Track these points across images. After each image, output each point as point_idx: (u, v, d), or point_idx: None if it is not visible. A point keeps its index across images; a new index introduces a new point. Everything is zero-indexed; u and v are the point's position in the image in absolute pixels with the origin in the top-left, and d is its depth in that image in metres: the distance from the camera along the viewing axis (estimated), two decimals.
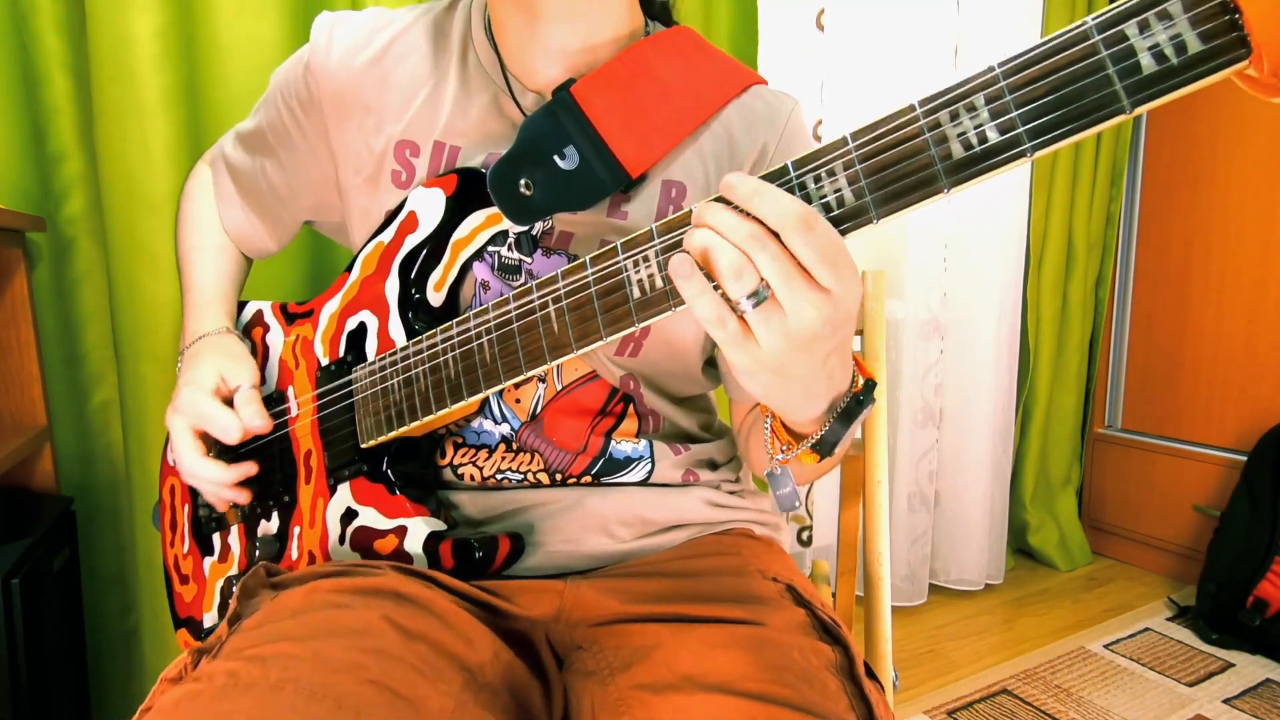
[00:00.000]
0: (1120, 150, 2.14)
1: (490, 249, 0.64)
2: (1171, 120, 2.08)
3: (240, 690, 0.43)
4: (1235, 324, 1.96)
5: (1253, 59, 0.33)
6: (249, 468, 0.68)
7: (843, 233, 0.41)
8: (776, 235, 0.40)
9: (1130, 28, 0.35)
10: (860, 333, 0.86)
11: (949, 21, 1.79)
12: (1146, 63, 0.35)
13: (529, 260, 0.63)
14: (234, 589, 0.66)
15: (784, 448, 0.52)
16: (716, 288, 0.42)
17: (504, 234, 0.63)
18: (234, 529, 0.72)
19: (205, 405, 0.66)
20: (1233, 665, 1.64)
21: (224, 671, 0.45)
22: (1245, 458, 1.84)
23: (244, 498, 0.68)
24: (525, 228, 0.63)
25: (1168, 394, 2.12)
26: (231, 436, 0.65)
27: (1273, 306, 1.89)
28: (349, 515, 0.64)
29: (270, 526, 0.69)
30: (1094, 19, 0.35)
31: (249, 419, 0.66)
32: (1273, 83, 0.33)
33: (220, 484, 0.66)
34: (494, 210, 0.62)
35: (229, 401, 0.67)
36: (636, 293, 0.47)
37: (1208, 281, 2.02)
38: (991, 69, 0.37)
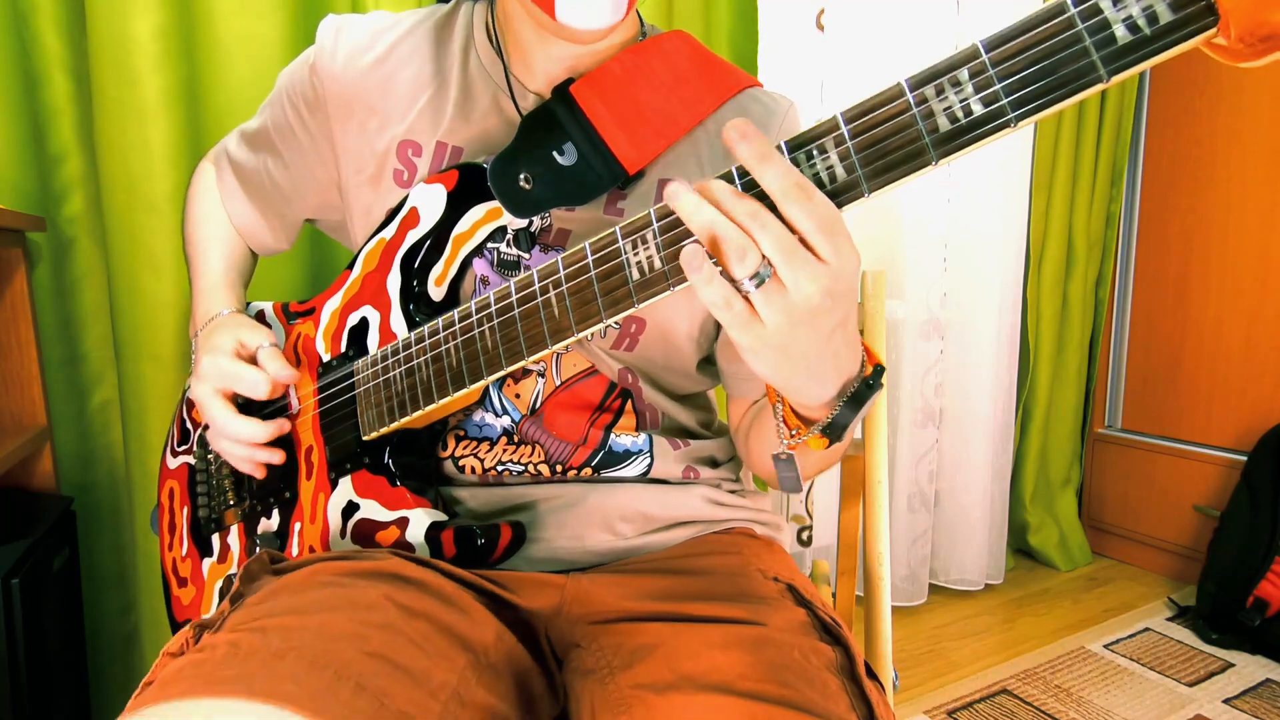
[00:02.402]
0: (1120, 150, 2.14)
1: (490, 245, 0.64)
2: (1171, 120, 2.08)
3: (241, 659, 0.43)
4: (1235, 324, 1.96)
5: (1220, 26, 0.35)
6: (283, 423, 0.67)
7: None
8: (773, 210, 0.41)
9: (1105, 1, 0.36)
10: (861, 332, 0.86)
11: (949, 22, 1.79)
12: (1121, 33, 0.36)
13: (527, 256, 0.64)
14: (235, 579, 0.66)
15: (793, 432, 0.52)
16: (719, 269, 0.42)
17: (503, 230, 0.64)
18: (233, 529, 0.73)
19: (229, 365, 0.65)
20: (1233, 665, 1.64)
21: (226, 642, 0.45)
22: (1245, 458, 1.84)
23: (278, 457, 0.68)
24: (524, 223, 0.64)
25: (1168, 394, 2.12)
26: (260, 390, 0.65)
27: (1273, 306, 1.89)
28: (350, 509, 0.64)
29: (271, 523, 0.69)
30: None
31: (275, 371, 0.65)
32: (1239, 48, 0.35)
33: (256, 440, 0.65)
34: (494, 205, 0.62)
35: (252, 362, 0.67)
36: (636, 274, 0.47)
37: (1208, 281, 2.02)
38: (975, 46, 0.39)
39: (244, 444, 0.66)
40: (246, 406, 0.70)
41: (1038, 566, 2.19)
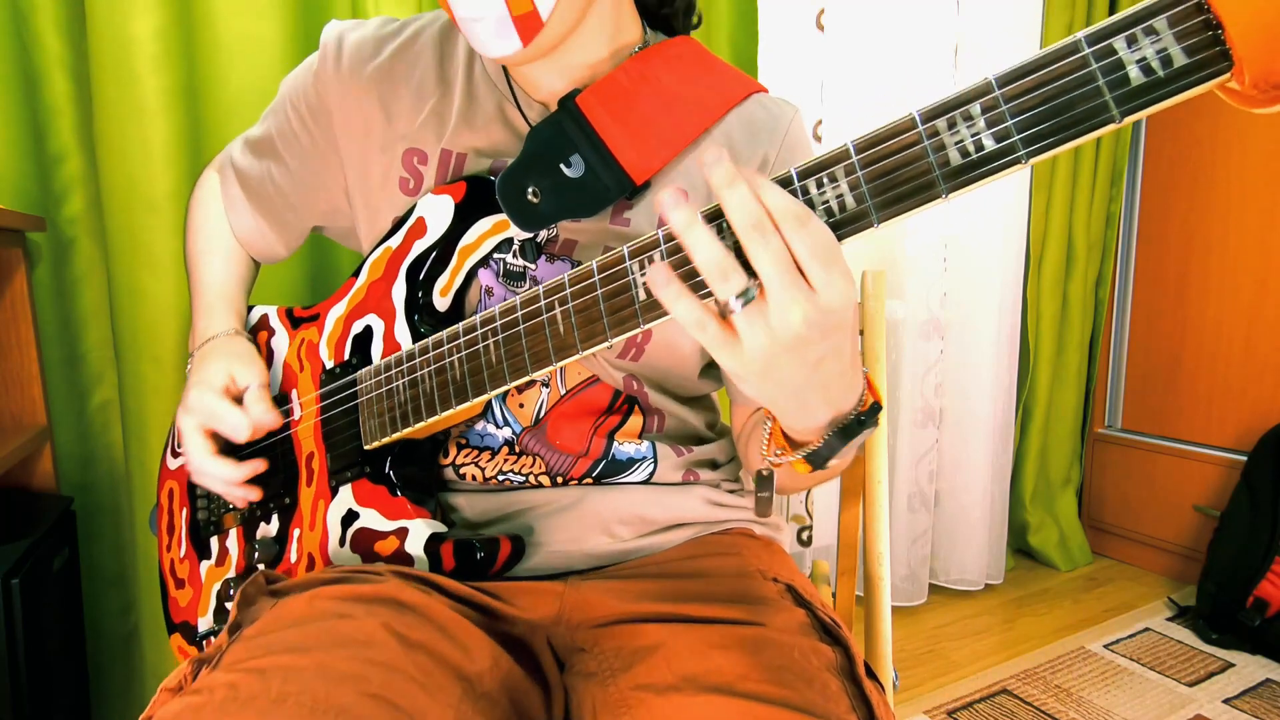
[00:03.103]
0: (1120, 150, 2.14)
1: (496, 256, 0.64)
2: (1171, 120, 2.08)
3: (240, 704, 0.43)
4: (1235, 324, 1.96)
5: (1234, 72, 0.35)
6: (258, 465, 0.68)
7: (844, 236, 0.42)
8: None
9: (1119, 42, 0.36)
10: (861, 332, 0.86)
11: (949, 22, 1.79)
12: (1134, 75, 0.36)
13: (533, 267, 0.64)
14: (232, 594, 0.66)
15: (778, 451, 0.52)
16: (706, 294, 0.42)
17: (509, 241, 0.64)
18: (232, 532, 0.73)
19: (215, 404, 0.66)
20: (1233, 665, 1.64)
21: (224, 684, 0.44)
22: (1245, 458, 1.84)
23: (256, 495, 0.69)
24: (531, 235, 0.64)
25: (1168, 394, 2.12)
26: (240, 434, 0.66)
27: (1273, 306, 1.89)
28: (350, 517, 0.64)
29: (270, 529, 0.69)
30: (1085, 34, 0.37)
31: (258, 416, 0.66)
32: (1253, 94, 0.35)
33: (229, 482, 0.67)
34: (501, 217, 0.62)
35: (239, 400, 0.68)
36: (642, 295, 0.47)
37: (1208, 281, 2.02)
38: (987, 80, 0.39)
39: (219, 483, 0.67)
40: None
41: (1038, 566, 2.19)
